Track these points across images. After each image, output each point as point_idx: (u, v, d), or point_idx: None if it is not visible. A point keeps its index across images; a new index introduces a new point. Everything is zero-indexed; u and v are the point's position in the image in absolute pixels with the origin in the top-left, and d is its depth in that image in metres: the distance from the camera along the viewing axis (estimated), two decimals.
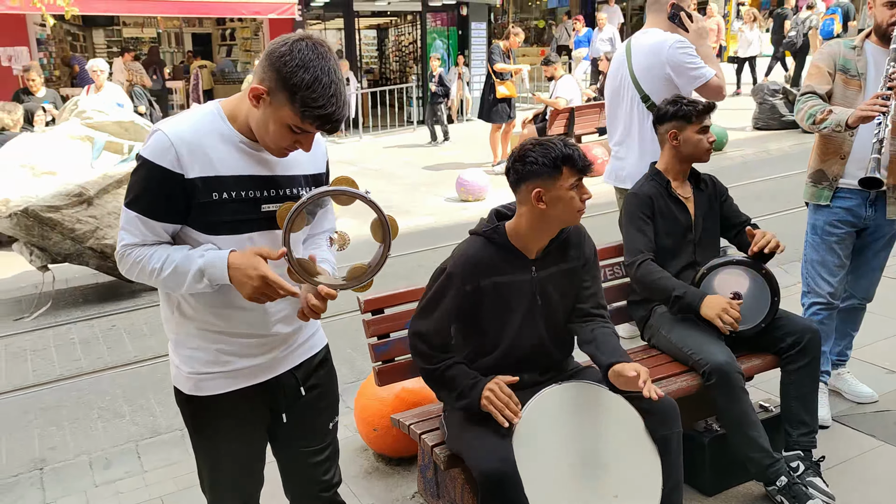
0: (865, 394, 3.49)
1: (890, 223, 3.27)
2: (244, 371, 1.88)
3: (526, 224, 2.34)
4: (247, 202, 1.75)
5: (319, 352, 2.05)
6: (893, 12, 3.04)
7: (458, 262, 2.35)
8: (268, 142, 1.72)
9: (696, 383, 2.81)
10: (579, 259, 2.46)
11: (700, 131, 3.03)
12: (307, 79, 1.59)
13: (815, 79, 3.22)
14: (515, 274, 2.36)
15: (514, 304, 2.38)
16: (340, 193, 1.73)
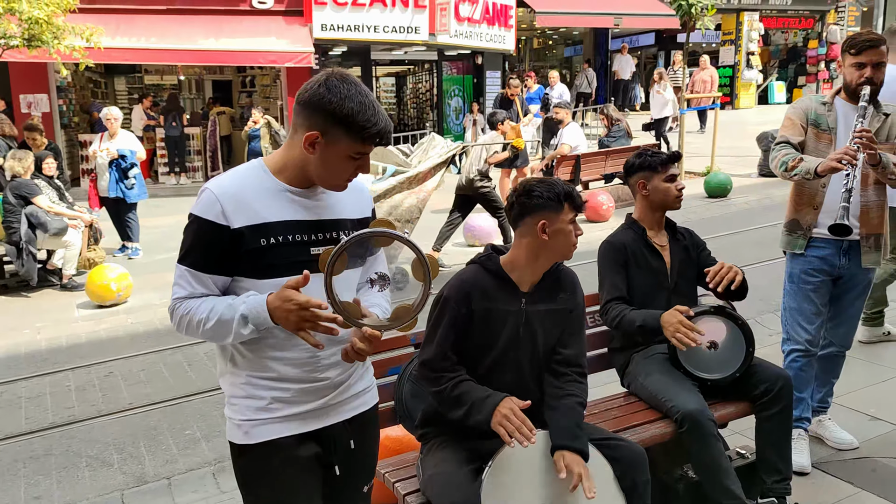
0: (846, 440, 3.56)
1: (864, 272, 3.38)
2: (295, 417, 1.89)
3: (524, 255, 2.48)
4: (295, 245, 1.82)
5: (371, 409, 2.08)
6: (861, 72, 3.19)
7: (453, 286, 2.49)
8: (332, 179, 1.83)
9: (670, 430, 2.89)
10: (569, 303, 2.56)
11: (667, 180, 3.17)
12: (354, 107, 1.73)
13: (788, 130, 3.38)
14: (506, 303, 2.48)
15: (499, 332, 2.47)
16: (380, 235, 1.79)
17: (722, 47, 21.84)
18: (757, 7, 21.21)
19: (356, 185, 1.97)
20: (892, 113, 3.30)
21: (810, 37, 22.90)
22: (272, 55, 13.49)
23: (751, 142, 13.17)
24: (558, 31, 23.49)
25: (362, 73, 17.92)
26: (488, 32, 16.17)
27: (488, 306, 2.46)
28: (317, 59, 14.19)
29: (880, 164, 3.10)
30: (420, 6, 14.73)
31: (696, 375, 3.02)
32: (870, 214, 3.30)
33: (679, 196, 3.21)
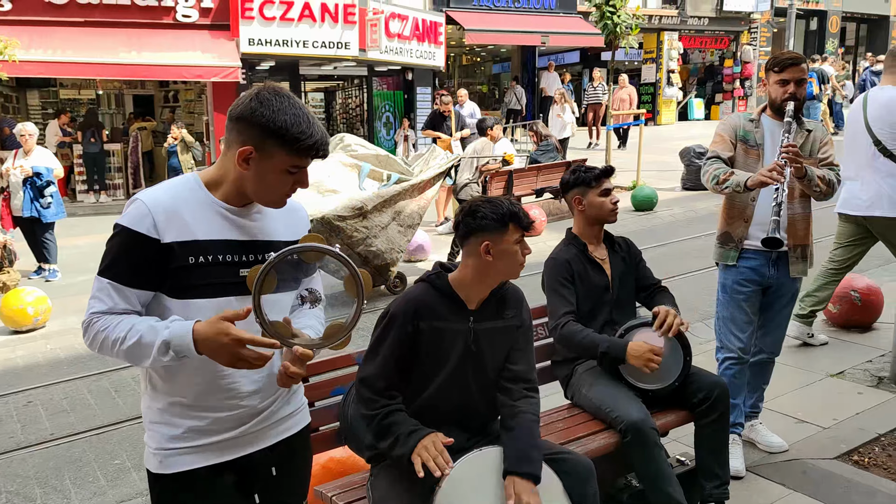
0: (776, 444, 3.68)
1: (792, 281, 3.52)
2: (212, 446, 1.81)
3: (471, 275, 2.47)
4: (224, 266, 1.75)
5: (300, 431, 2.00)
6: (785, 89, 3.35)
7: (400, 304, 2.46)
8: (269, 195, 1.78)
9: (614, 441, 2.93)
10: (516, 320, 2.56)
11: (601, 194, 3.24)
12: (288, 120, 1.69)
13: (719, 145, 3.50)
14: (453, 321, 2.46)
15: (448, 351, 2.46)
16: (308, 250, 1.73)
17: (644, 65, 22.60)
18: (676, 27, 22.04)
19: (292, 206, 1.92)
20: (813, 129, 3.46)
21: (726, 56, 23.95)
22: (197, 70, 13.21)
23: (673, 157, 13.65)
24: (486, 49, 23.80)
25: (291, 88, 17.71)
26: (418, 49, 16.27)
27: (436, 325, 2.44)
28: (244, 74, 13.96)
29: (806, 176, 3.24)
30: (350, 22, 14.70)
31: (638, 386, 3.08)
32: (796, 226, 3.44)
33: (614, 209, 3.27)
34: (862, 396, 4.24)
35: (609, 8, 12.34)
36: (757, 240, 3.42)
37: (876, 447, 3.66)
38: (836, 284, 5.01)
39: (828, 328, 5.45)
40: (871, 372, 4.58)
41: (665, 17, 21.70)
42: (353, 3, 14.73)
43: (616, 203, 3.28)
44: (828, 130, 3.51)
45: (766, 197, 3.38)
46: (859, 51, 26.66)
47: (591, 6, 13.03)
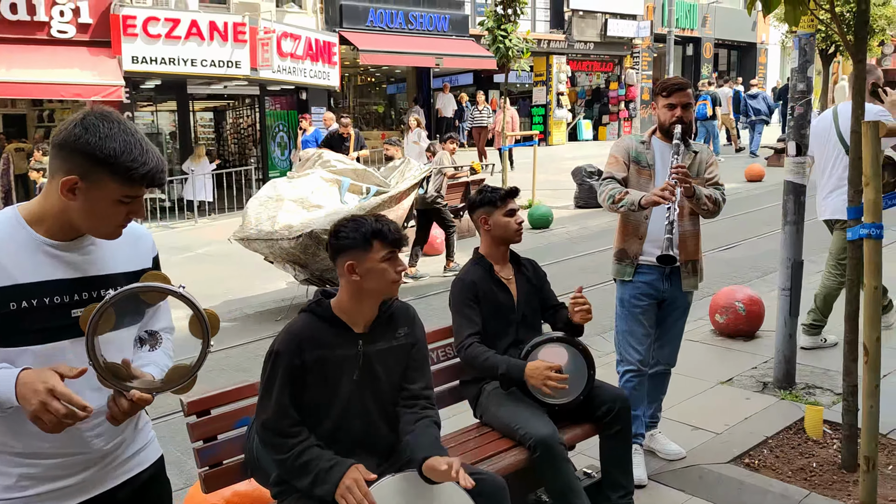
0: (674, 451, 3.83)
1: (684, 295, 3.69)
2: (51, 494, 1.69)
3: (346, 297, 2.43)
4: (53, 309, 1.63)
5: (149, 468, 1.90)
6: (673, 113, 3.52)
7: (284, 339, 2.39)
8: (100, 227, 1.66)
9: (524, 457, 2.96)
10: (409, 338, 2.54)
11: (507, 214, 3.30)
12: (118, 147, 1.58)
13: (613, 167, 3.65)
14: (342, 348, 2.40)
15: (340, 379, 2.41)
16: (149, 290, 1.64)
17: (535, 87, 23.29)
18: (564, 51, 22.88)
19: (134, 232, 1.81)
20: (699, 151, 3.67)
21: (611, 79, 25.06)
22: (76, 88, 12.57)
23: (565, 176, 14.08)
24: (381, 69, 23.90)
25: (178, 108, 17.21)
26: (312, 68, 16.12)
27: (323, 354, 2.38)
28: (128, 93, 13.41)
29: (695, 195, 3.42)
30: (240, 41, 14.40)
31: (544, 401, 3.13)
32: (687, 243, 3.61)
33: (519, 230, 3.34)
34: (750, 402, 4.47)
35: (501, 32, 12.68)
36: (651, 256, 3.57)
37: (765, 449, 3.87)
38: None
39: (714, 337, 5.74)
40: (756, 378, 4.85)
41: (553, 41, 22.50)
42: (244, 22, 14.45)
43: (521, 223, 3.34)
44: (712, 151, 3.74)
45: (658, 215, 3.54)
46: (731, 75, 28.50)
47: (483, 30, 13.35)
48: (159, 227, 13.45)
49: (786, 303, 4.59)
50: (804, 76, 4.34)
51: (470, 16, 20.45)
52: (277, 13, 16.31)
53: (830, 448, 3.82)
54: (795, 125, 4.42)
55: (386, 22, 18.60)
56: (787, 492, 3.41)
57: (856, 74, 3.35)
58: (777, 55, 29.48)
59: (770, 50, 29.06)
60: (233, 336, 6.69)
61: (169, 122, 19.71)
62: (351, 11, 17.97)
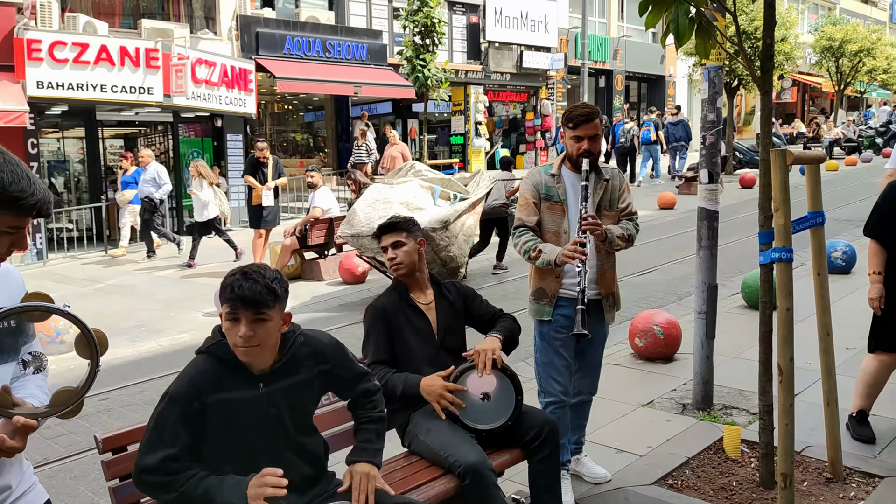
0: (600, 475, 3.86)
1: (601, 325, 3.70)
2: None
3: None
4: None
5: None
6: (579, 146, 3.47)
7: (181, 383, 2.27)
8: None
9: (453, 485, 2.92)
10: (319, 367, 2.44)
11: (383, 248, 3.33)
12: (6, 178, 1.56)
13: (524, 211, 3.59)
14: (241, 390, 2.29)
15: (243, 423, 2.29)
16: (32, 310, 1.60)
17: (453, 117, 23.57)
18: (481, 81, 23.28)
19: (4, 270, 1.77)
20: (611, 177, 3.64)
21: (527, 109, 25.64)
22: None
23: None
24: (298, 97, 23.71)
25: (86, 134, 16.56)
26: (228, 95, 15.82)
27: (222, 398, 2.26)
28: (32, 119, 12.82)
29: (607, 239, 3.46)
30: (153, 66, 14.01)
31: (472, 427, 3.11)
32: (605, 276, 3.64)
33: (391, 266, 3.31)
34: (670, 423, 4.58)
35: (419, 62, 12.81)
36: (568, 289, 3.54)
37: (686, 470, 3.95)
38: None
39: (634, 360, 5.87)
40: (675, 400, 4.97)
41: (470, 71, 22.88)
42: (157, 48, 14.07)
43: (391, 259, 3.29)
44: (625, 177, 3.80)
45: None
46: (641, 106, 29.63)
47: (402, 59, 13.45)
48: (66, 258, 12.85)
49: (702, 325, 4.74)
50: (713, 107, 4.53)
51: (388, 45, 20.55)
52: (192, 39, 15.96)
53: (748, 466, 3.93)
54: (707, 154, 4.60)
55: (303, 50, 18.47)
56: None
57: (762, 104, 3.51)
58: (685, 87, 30.89)
59: (678, 82, 30.44)
60: (147, 370, 6.41)
61: (77, 149, 18.96)
62: (267, 39, 17.79)
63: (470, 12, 23.08)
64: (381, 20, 21.14)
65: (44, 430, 5.12)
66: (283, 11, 19.32)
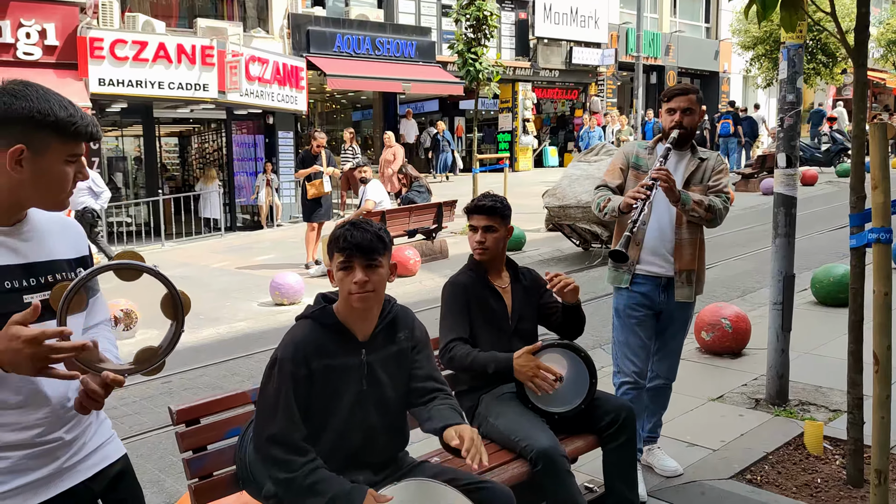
0: (671, 467, 3.70)
1: (681, 307, 3.58)
2: (24, 488, 1.64)
3: (341, 305, 2.33)
4: (6, 293, 1.59)
5: (117, 462, 1.87)
6: (672, 118, 3.45)
7: (287, 348, 2.26)
8: (54, 193, 1.64)
9: (525, 470, 2.82)
10: (409, 341, 2.45)
11: (471, 228, 3.21)
12: (54, 106, 1.59)
13: (609, 175, 3.60)
14: (345, 357, 2.30)
15: (342, 389, 2.30)
16: (125, 267, 1.61)
17: (500, 114, 23.43)
18: (529, 78, 23.10)
19: (62, 221, 1.81)
20: (707, 158, 3.57)
21: (576, 106, 25.33)
22: None
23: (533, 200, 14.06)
24: (347, 96, 23.87)
25: (144, 132, 16.90)
26: (280, 92, 15.97)
27: (327, 363, 2.26)
28: (93, 115, 13.09)
29: (679, 200, 3.33)
30: (208, 63, 14.20)
31: (544, 410, 3.00)
32: (683, 251, 3.51)
33: (476, 247, 3.20)
34: (744, 418, 4.38)
35: (471, 55, 12.71)
36: (648, 264, 3.49)
37: (766, 465, 3.76)
38: None
39: (700, 355, 5.67)
40: (747, 395, 4.77)
41: (519, 68, 22.71)
42: (212, 45, 14.27)
43: (479, 242, 3.18)
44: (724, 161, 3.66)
45: (654, 224, 3.46)
46: None
47: (453, 53, 13.37)
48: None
49: (777, 317, 4.53)
50: (793, 87, 4.33)
51: (437, 42, 20.54)
52: (245, 38, 16.16)
53: (833, 464, 3.73)
54: (785, 136, 4.40)
55: (353, 47, 18.56)
56: None
57: (856, 79, 3.32)
58: (739, 84, 30.16)
59: (732, 79, 29.73)
60: (206, 356, 6.46)
61: (134, 146, 19.37)
62: (318, 37, 17.92)
63: (519, 8, 22.92)
64: (429, 17, 21.16)
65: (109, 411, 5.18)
66: (333, 10, 19.45)
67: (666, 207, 3.46)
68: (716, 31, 29.48)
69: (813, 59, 20.89)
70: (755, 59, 22.93)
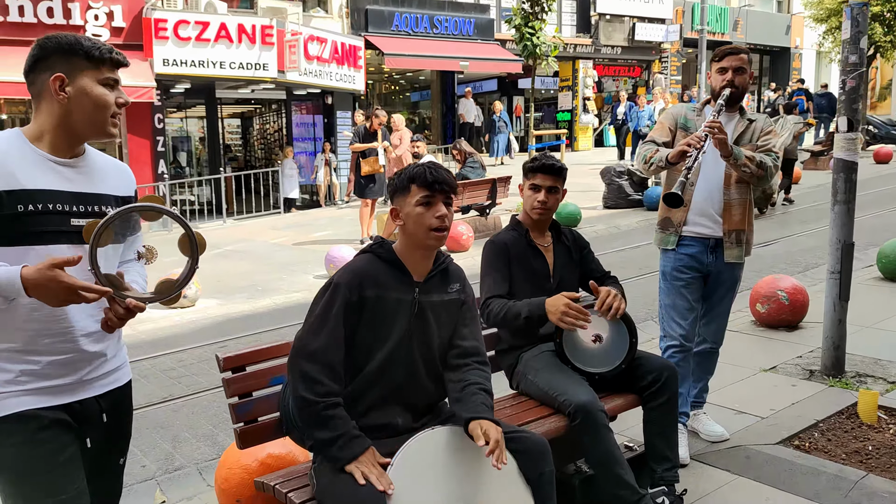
0: (717, 432, 3.65)
1: (730, 269, 3.52)
2: (47, 390, 1.83)
3: (401, 244, 2.41)
4: (55, 215, 1.79)
5: (124, 386, 2.05)
6: (724, 77, 3.39)
7: (345, 274, 2.35)
8: (97, 117, 1.85)
9: (562, 424, 2.83)
10: (460, 294, 2.50)
11: (531, 188, 3.18)
12: (78, 39, 1.84)
13: (656, 132, 3.56)
14: (399, 291, 2.36)
15: (392, 322, 2.35)
16: (148, 209, 1.81)
17: (560, 93, 23.14)
18: (590, 55, 22.72)
19: (119, 166, 2.04)
20: (756, 120, 3.49)
21: (639, 84, 24.80)
22: None
23: (592, 179, 13.94)
24: (405, 76, 23.92)
25: (207, 113, 17.32)
26: (338, 72, 16.12)
27: (380, 294, 2.34)
28: (158, 95, 13.51)
29: (732, 155, 3.27)
30: (268, 43, 14.44)
31: (584, 370, 3.00)
32: (732, 211, 3.44)
33: (536, 207, 3.17)
34: (796, 388, 4.28)
35: (528, 29, 12.58)
36: (696, 226, 3.45)
37: (815, 432, 3.68)
38: None
39: (755, 328, 5.55)
40: (801, 366, 4.65)
41: (579, 45, 22.35)
42: (271, 25, 14.49)
43: (541, 202, 3.16)
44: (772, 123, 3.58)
45: (703, 183, 3.41)
46: (763, 80, 28.11)
47: (510, 28, 13.27)
48: None
49: (835, 286, 4.40)
50: (856, 48, 4.16)
51: (495, 20, 20.37)
52: (304, 17, 16.34)
53: (887, 433, 3.62)
54: (847, 99, 4.24)
55: (411, 26, 18.59)
56: (842, 472, 3.23)
57: None
58: (812, 59, 29.02)
59: (804, 54, 28.62)
60: (262, 324, 6.67)
61: (198, 127, 19.88)
62: (376, 16, 18.00)
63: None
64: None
65: (168, 371, 5.41)
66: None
67: (714, 168, 3.40)
68: (787, 3, 28.40)
69: (890, 31, 19.91)
70: (828, 32, 21.99)
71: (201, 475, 3.70)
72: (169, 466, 3.87)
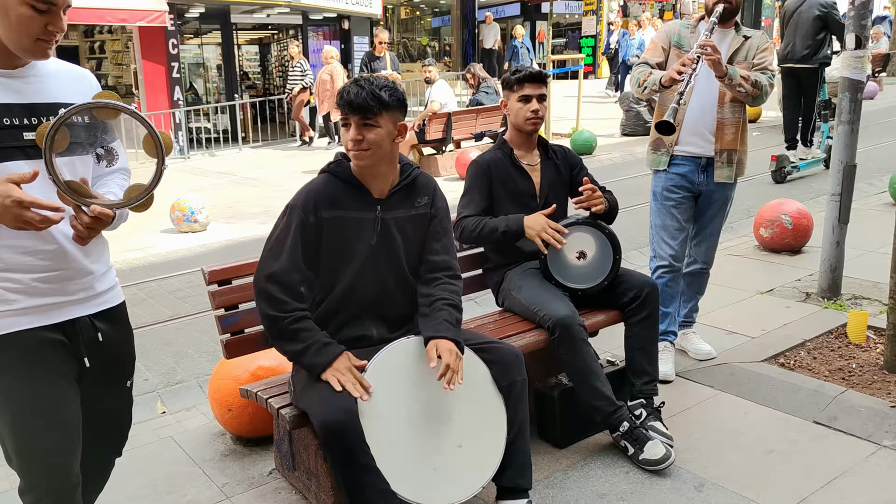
0: (705, 351, 3.70)
1: (721, 188, 3.50)
2: (36, 309, 1.79)
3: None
4: (5, 129, 1.70)
5: (118, 306, 2.01)
6: None
7: (300, 196, 2.36)
8: (21, 37, 1.69)
9: (542, 338, 2.89)
10: (429, 208, 2.49)
11: (520, 100, 3.11)
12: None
13: (649, 52, 3.50)
14: (359, 210, 2.36)
15: (355, 242, 2.37)
16: (102, 107, 1.69)
17: (584, 17, 22.49)
18: None
19: (76, 71, 1.91)
20: (752, 37, 3.41)
21: (665, 9, 24.02)
22: (121, 13, 12.54)
23: (612, 107, 13.69)
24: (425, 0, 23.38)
25: (223, 40, 17.13)
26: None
27: (339, 215, 2.34)
28: (172, 20, 13.37)
29: (727, 75, 3.20)
30: None
31: (567, 286, 3.04)
32: (724, 131, 3.40)
33: (529, 118, 3.11)
34: (790, 310, 4.30)
35: None
36: (687, 145, 3.43)
37: (801, 351, 3.72)
38: None
39: (758, 252, 5.53)
40: (799, 289, 4.66)
41: None
42: None
43: (535, 112, 3.11)
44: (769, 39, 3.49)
45: (695, 102, 3.36)
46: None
47: None
48: (205, 155, 13.58)
49: (835, 208, 4.36)
50: None
51: None
52: None
53: (873, 351, 3.65)
54: (856, 15, 4.11)
55: None
56: (821, 388, 3.27)
57: None
58: None
59: None
60: None
61: (215, 55, 19.70)
62: None
63: None
64: None
65: (175, 292, 5.55)
66: None
67: (707, 86, 3.34)
68: None
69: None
70: None
71: (201, 388, 3.85)
72: (171, 380, 4.02)
